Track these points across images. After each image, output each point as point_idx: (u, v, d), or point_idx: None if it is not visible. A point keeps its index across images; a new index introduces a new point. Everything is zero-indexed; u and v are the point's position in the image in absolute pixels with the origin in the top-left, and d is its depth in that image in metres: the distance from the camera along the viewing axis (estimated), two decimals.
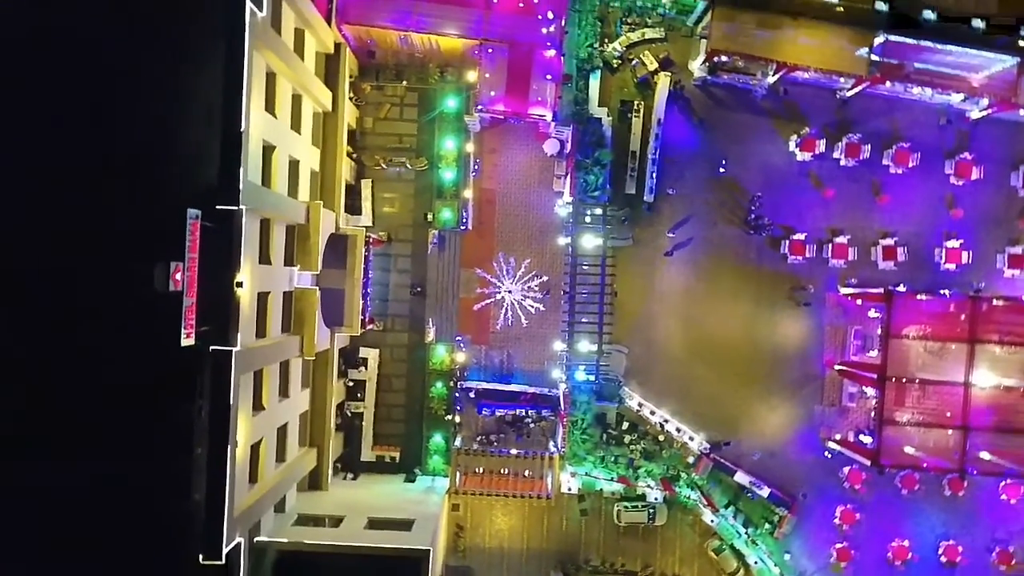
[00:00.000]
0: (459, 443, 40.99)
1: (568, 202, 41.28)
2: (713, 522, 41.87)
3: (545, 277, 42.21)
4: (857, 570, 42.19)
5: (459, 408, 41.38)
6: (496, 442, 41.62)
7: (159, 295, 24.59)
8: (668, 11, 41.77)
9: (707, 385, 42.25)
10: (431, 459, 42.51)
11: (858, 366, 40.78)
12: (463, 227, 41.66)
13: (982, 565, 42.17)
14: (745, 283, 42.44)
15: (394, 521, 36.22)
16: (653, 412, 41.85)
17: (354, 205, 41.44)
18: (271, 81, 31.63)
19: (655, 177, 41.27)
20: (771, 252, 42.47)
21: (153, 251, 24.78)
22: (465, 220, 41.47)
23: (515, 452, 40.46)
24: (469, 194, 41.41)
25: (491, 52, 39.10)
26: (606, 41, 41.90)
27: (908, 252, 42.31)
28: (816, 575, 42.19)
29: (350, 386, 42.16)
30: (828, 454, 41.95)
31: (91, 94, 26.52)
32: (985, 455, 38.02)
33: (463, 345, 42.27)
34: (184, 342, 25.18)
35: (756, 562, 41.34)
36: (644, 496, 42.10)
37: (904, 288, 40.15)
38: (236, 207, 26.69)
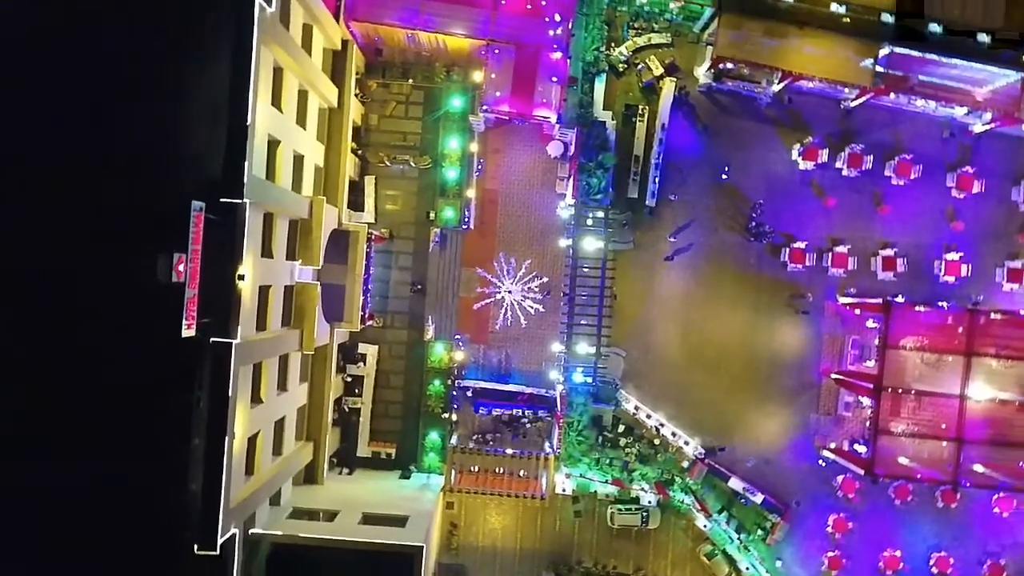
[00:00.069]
0: (455, 441, 41.16)
1: (570, 204, 41.38)
2: (706, 527, 41.99)
3: (545, 278, 42.33)
4: None
5: (456, 406, 41.51)
6: (492, 441, 41.74)
7: (161, 286, 24.74)
8: (675, 17, 41.87)
9: (704, 390, 42.39)
10: (427, 456, 42.61)
11: (855, 375, 40.92)
12: (465, 226, 41.75)
13: None
14: (744, 290, 42.57)
15: (388, 517, 36.33)
16: (649, 416, 41.94)
17: (357, 201, 41.59)
18: (278, 76, 31.72)
19: (658, 182, 41.37)
20: (771, 259, 42.60)
21: (156, 242, 24.84)
22: (467, 219, 41.56)
23: (511, 452, 40.57)
24: (472, 194, 41.50)
25: (497, 53, 39.23)
26: (612, 45, 42.02)
27: (908, 263, 42.44)
28: None
29: (348, 381, 42.27)
30: (822, 462, 42.07)
31: (97, 87, 26.45)
32: (979, 468, 38.19)
33: (462, 344, 42.39)
34: (185, 333, 25.33)
35: (748, 568, 41.43)
36: (638, 499, 42.19)
37: (903, 299, 40.29)
38: (240, 200, 26.82)
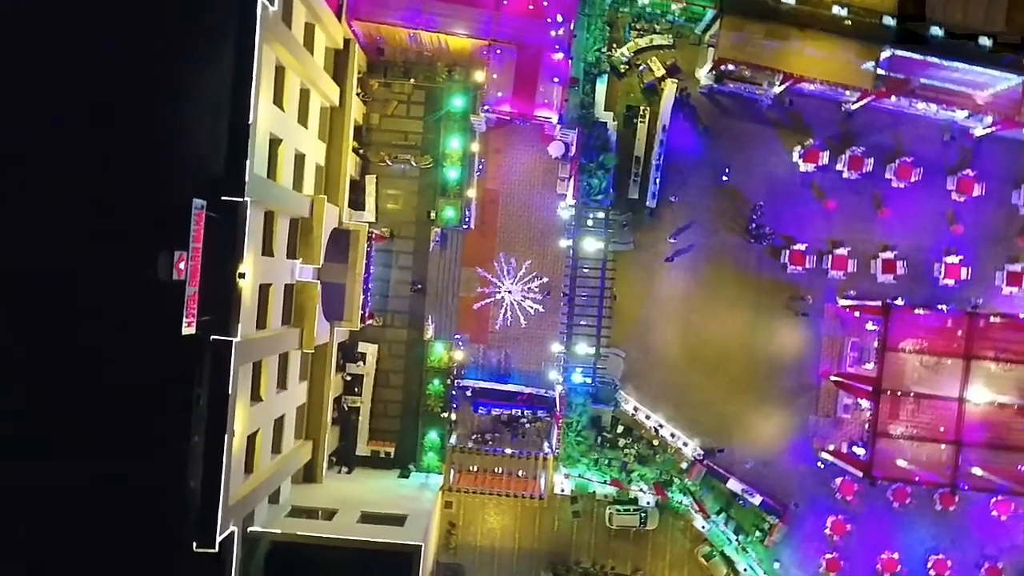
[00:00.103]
0: (454, 441, 41.21)
1: (571, 205, 41.41)
2: (704, 528, 42.03)
3: (545, 279, 42.37)
4: None
5: (455, 406, 41.54)
6: (491, 441, 41.79)
7: (162, 284, 24.76)
8: (677, 18, 41.89)
9: (703, 391, 42.43)
10: (426, 456, 42.64)
11: (854, 378, 40.94)
12: (465, 226, 41.79)
13: None
14: (744, 291, 42.60)
15: (387, 516, 36.36)
16: (648, 416, 41.97)
17: (358, 200, 41.64)
18: (280, 75, 31.76)
19: (658, 183, 41.40)
20: (771, 261, 42.63)
21: (157, 240, 24.84)
22: (468, 219, 41.59)
23: (510, 452, 40.63)
24: (472, 193, 41.54)
25: (499, 53, 39.28)
26: (614, 46, 42.04)
27: (908, 266, 42.49)
28: None
29: (348, 380, 42.31)
30: (821, 464, 42.11)
31: (98, 86, 26.37)
32: (977, 471, 38.20)
33: (461, 343, 42.43)
34: (185, 331, 25.36)
35: (746, 569, 41.43)
36: (636, 500, 42.24)
37: (902, 302, 40.36)
38: (241, 199, 26.86)
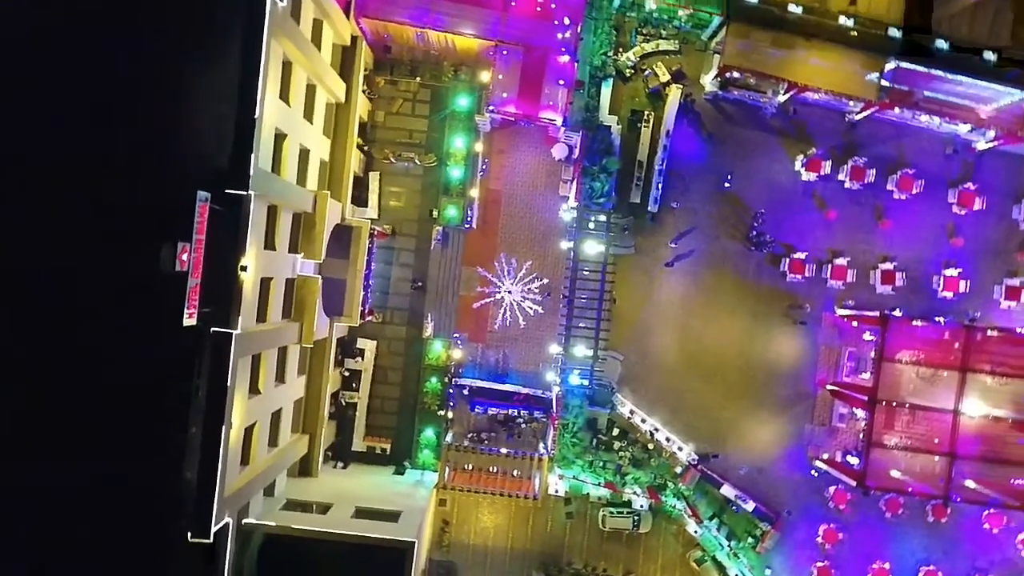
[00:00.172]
0: (450, 439, 41.30)
1: (573, 207, 41.52)
2: (697, 533, 42.17)
3: (545, 280, 42.50)
4: None
5: (452, 404, 41.63)
6: (487, 440, 41.89)
7: (164, 276, 24.83)
8: (683, 24, 42.03)
9: (699, 397, 42.57)
10: (421, 453, 42.77)
11: (850, 387, 41.08)
12: (467, 225, 41.92)
13: None
14: (743, 298, 42.75)
15: (381, 512, 36.44)
16: (644, 420, 42.12)
17: (361, 197, 41.74)
18: (287, 70, 31.88)
19: (660, 188, 41.59)
20: (771, 269, 42.79)
21: (161, 232, 24.89)
22: (470, 218, 41.71)
23: (505, 451, 40.74)
24: (475, 193, 41.65)
25: (506, 54, 39.39)
26: (620, 50, 42.17)
27: (907, 277, 42.61)
28: None
29: (346, 376, 42.40)
30: (815, 473, 42.23)
31: (105, 79, 26.26)
32: (970, 483, 38.29)
33: (460, 342, 42.57)
34: (186, 322, 25.46)
35: (737, 575, 41.63)
36: (630, 503, 42.37)
37: (900, 313, 40.42)
38: (245, 192, 26.92)
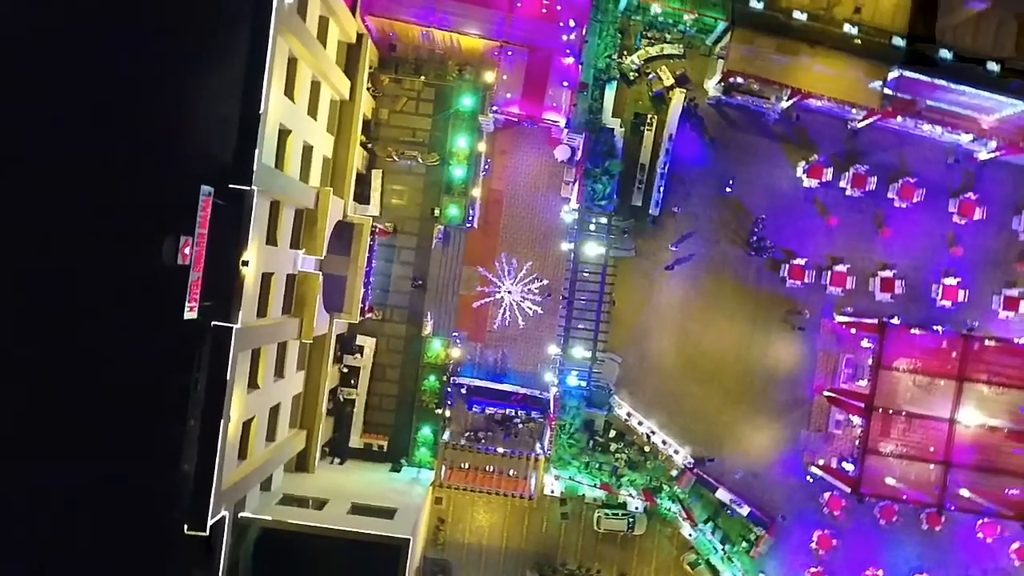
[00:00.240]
0: (447, 437, 41.35)
1: (574, 209, 41.65)
2: (691, 536, 42.28)
3: (546, 280, 42.60)
4: None
5: (450, 403, 41.73)
6: (484, 439, 41.97)
7: (166, 270, 24.93)
8: (688, 29, 42.14)
9: (696, 400, 42.69)
10: (418, 451, 42.90)
11: (847, 394, 41.17)
12: (469, 225, 42.03)
13: None
14: (742, 303, 42.86)
15: (377, 509, 36.57)
16: (641, 423, 42.23)
17: (363, 194, 41.85)
18: (292, 66, 31.98)
19: (662, 191, 41.73)
20: (770, 274, 42.90)
21: (164, 225, 25.02)
22: (471, 218, 41.83)
23: (501, 451, 40.83)
24: (477, 193, 41.78)
25: (510, 55, 39.52)
26: (625, 53, 42.30)
27: (906, 286, 42.73)
28: None
29: (344, 372, 42.52)
30: (810, 478, 42.36)
31: (113, 73, 26.34)
32: (965, 492, 38.45)
33: (459, 341, 42.69)
34: (187, 315, 25.59)
35: None
36: (625, 505, 42.52)
37: (898, 321, 40.63)
38: (248, 187, 27.11)
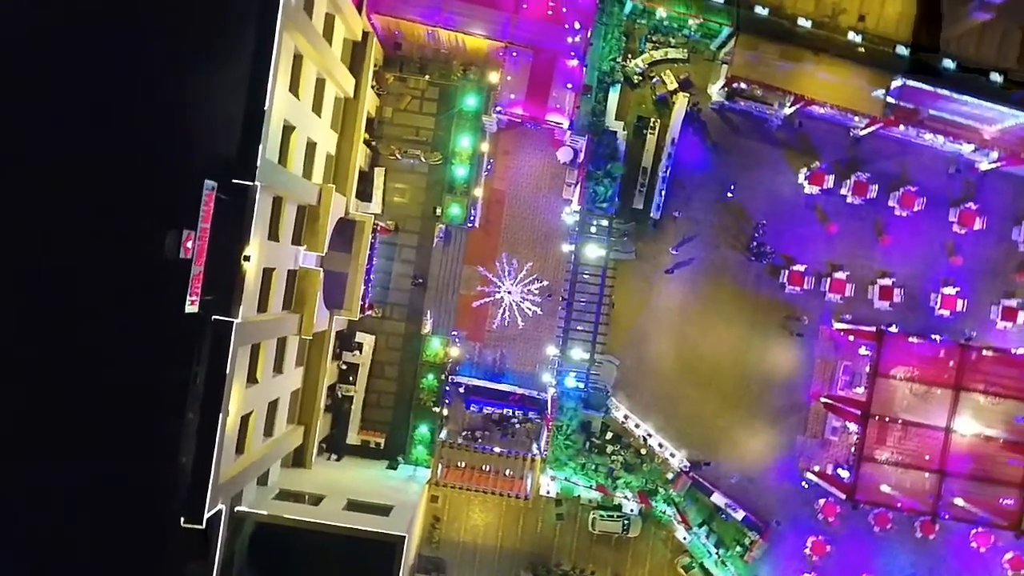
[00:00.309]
0: (444, 436, 41.48)
1: (576, 210, 41.73)
2: (685, 539, 42.39)
3: (545, 282, 42.70)
4: None
5: (448, 401, 41.84)
6: (481, 439, 42.09)
7: (167, 263, 25.04)
8: (693, 33, 42.24)
9: (693, 404, 42.78)
10: (415, 449, 43.00)
11: (843, 401, 41.29)
12: (470, 224, 42.13)
13: None
14: (741, 308, 42.98)
15: (373, 505, 36.68)
16: (638, 425, 42.33)
17: (365, 192, 41.93)
18: (297, 63, 32.09)
19: (663, 195, 41.80)
20: (770, 280, 43.01)
21: (167, 219, 25.09)
22: (473, 218, 41.93)
23: (498, 450, 40.93)
24: (479, 192, 41.89)
25: (515, 56, 39.62)
26: (629, 56, 42.41)
27: (904, 294, 42.86)
28: None
29: (343, 369, 42.62)
30: (805, 484, 42.45)
31: (120, 68, 26.34)
32: (959, 501, 38.59)
33: (458, 340, 42.80)
34: (188, 309, 25.68)
35: None
36: (620, 507, 42.62)
37: (896, 329, 40.64)
38: (252, 183, 27.20)
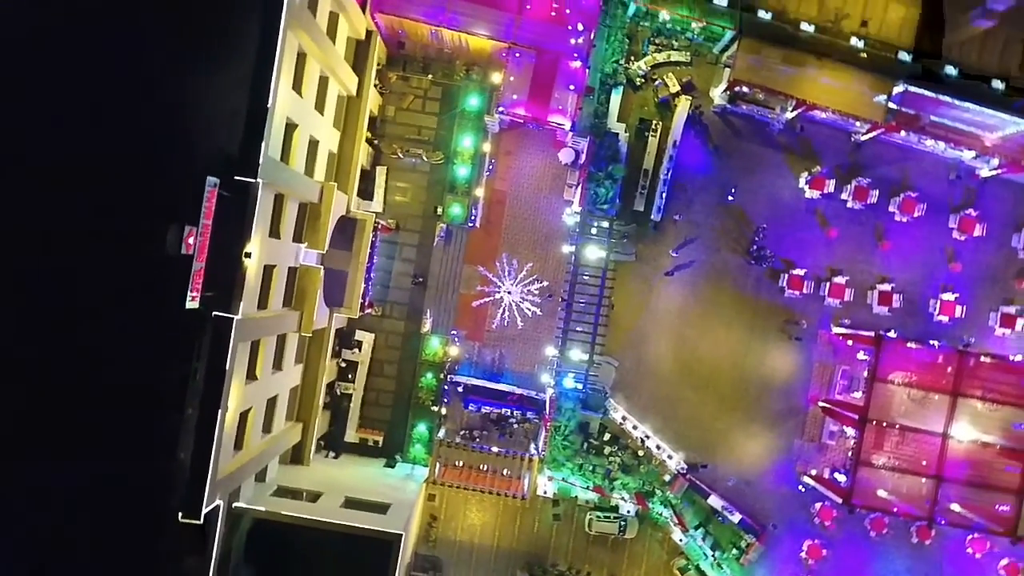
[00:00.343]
0: (442, 435, 41.58)
1: (576, 212, 41.76)
2: (682, 541, 42.43)
3: (545, 282, 42.78)
4: None
5: (446, 400, 41.93)
6: (479, 438, 42.19)
7: (168, 260, 25.11)
8: (696, 36, 42.28)
9: (691, 407, 42.85)
10: (413, 447, 43.07)
11: (841, 405, 41.33)
12: (471, 224, 42.19)
13: None
14: (740, 311, 43.04)
15: (370, 503, 36.74)
16: (636, 427, 42.38)
17: (367, 190, 41.99)
18: (301, 61, 32.18)
19: (664, 197, 41.85)
20: (769, 284, 43.07)
21: (169, 214, 25.20)
22: (474, 217, 41.99)
23: (496, 450, 41.00)
24: (481, 192, 41.97)
25: (518, 56, 39.67)
26: (632, 59, 42.45)
27: (903, 299, 42.90)
28: None
29: (342, 367, 42.70)
30: (802, 488, 42.50)
31: (123, 65, 26.25)
32: (955, 507, 38.61)
33: (457, 339, 42.87)
34: (188, 304, 25.78)
35: None
36: (617, 508, 42.66)
37: (895, 334, 40.76)
38: (254, 180, 27.30)
